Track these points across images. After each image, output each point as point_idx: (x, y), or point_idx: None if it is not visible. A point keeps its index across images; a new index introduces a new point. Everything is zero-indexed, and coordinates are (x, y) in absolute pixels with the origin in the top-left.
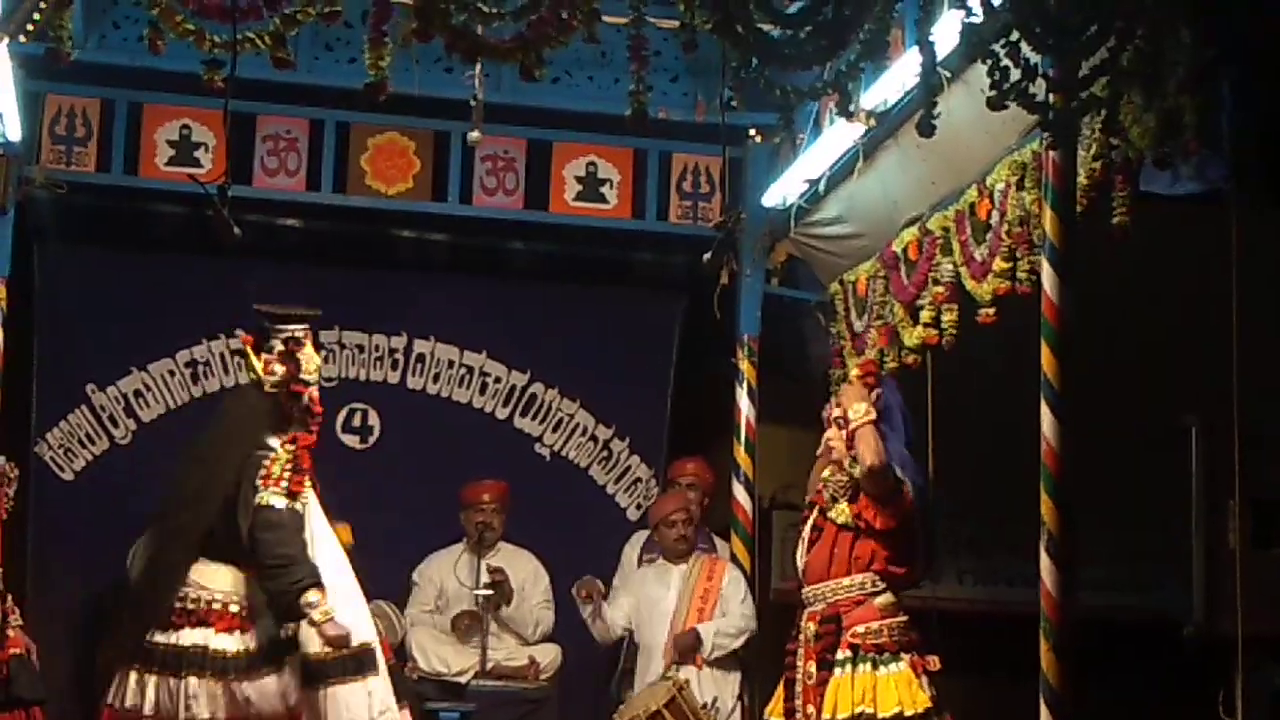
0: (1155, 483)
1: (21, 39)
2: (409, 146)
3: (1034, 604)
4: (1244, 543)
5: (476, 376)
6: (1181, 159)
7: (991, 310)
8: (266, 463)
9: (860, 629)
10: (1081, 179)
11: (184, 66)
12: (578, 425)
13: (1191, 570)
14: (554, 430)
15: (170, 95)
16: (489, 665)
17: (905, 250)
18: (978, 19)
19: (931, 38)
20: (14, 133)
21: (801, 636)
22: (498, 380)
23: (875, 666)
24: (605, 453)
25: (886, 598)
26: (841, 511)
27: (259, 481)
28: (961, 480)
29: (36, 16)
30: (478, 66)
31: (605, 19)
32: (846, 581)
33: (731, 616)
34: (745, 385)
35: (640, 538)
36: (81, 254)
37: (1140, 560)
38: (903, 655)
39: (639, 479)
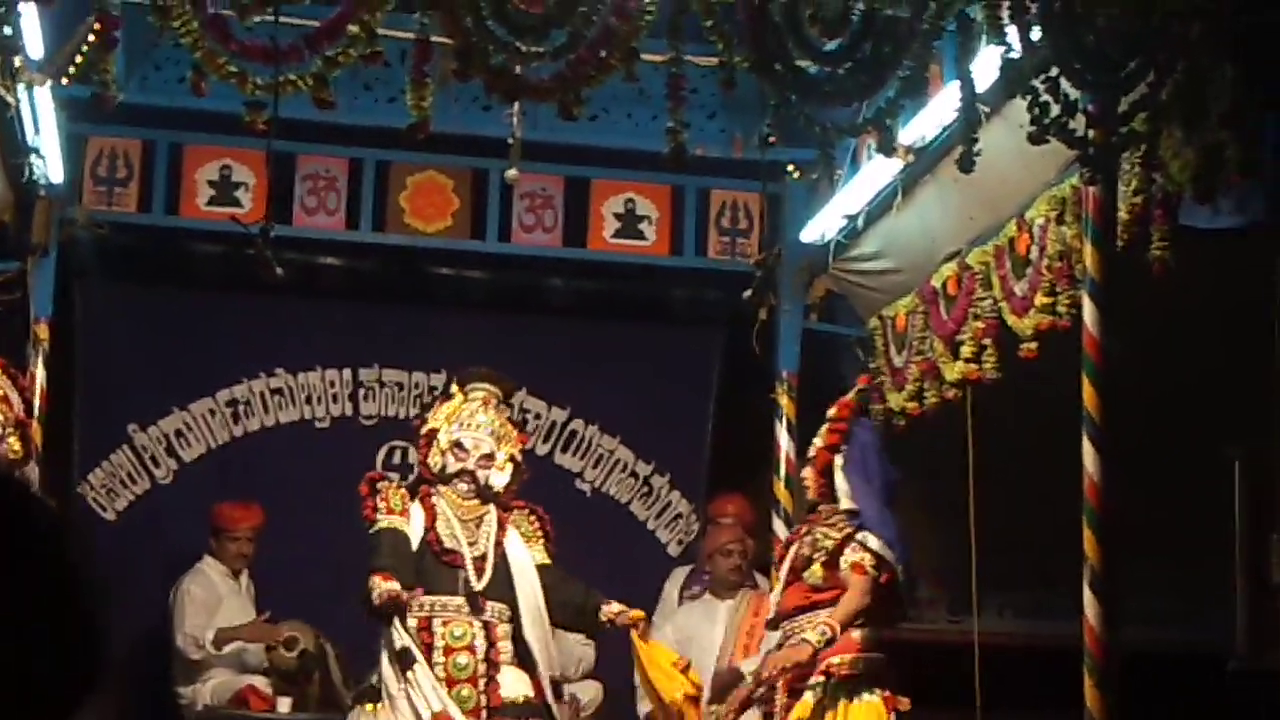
0: (1198, 516)
1: (64, 82)
2: (448, 185)
3: (1075, 637)
4: None
5: (516, 413)
6: (1222, 193)
7: (1033, 345)
8: None
9: (835, 660)
10: (1122, 214)
11: (224, 107)
12: (618, 461)
13: (1235, 604)
14: (594, 466)
15: (211, 135)
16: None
17: (944, 285)
18: (1017, 55)
19: (971, 73)
20: (56, 175)
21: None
22: (538, 416)
23: (849, 696)
24: (645, 488)
25: (865, 632)
26: (814, 574)
27: None
28: (1001, 514)
29: (79, 59)
30: (516, 105)
31: (643, 57)
32: (824, 614)
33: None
34: (784, 421)
35: (680, 574)
36: (123, 294)
37: (1183, 593)
38: (875, 689)
39: (680, 514)
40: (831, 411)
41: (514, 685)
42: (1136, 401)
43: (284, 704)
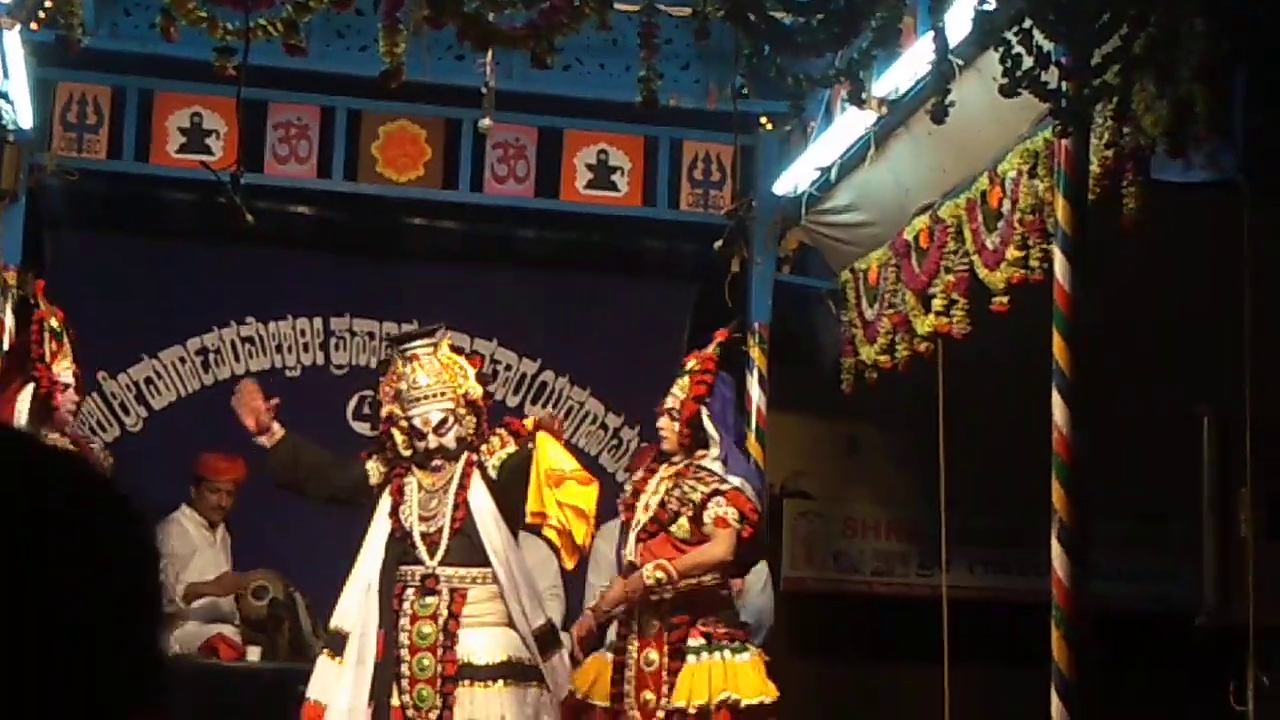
0: (1167, 472)
1: (33, 26)
2: (420, 134)
3: (1045, 593)
4: (1256, 533)
5: (487, 364)
6: (1193, 147)
7: (1004, 299)
8: None
9: (713, 618)
10: (1094, 167)
11: (195, 54)
12: (588, 413)
13: (1203, 560)
14: (564, 418)
15: (181, 82)
16: None
17: (917, 238)
18: (990, 6)
19: (944, 25)
20: (25, 120)
21: (635, 624)
22: (508, 368)
23: (734, 655)
24: (615, 440)
25: (729, 590)
26: (682, 527)
27: None
28: (972, 469)
29: (48, 3)
30: (489, 54)
31: (617, 6)
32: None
33: (749, 609)
34: (756, 373)
35: (613, 530)
36: (92, 241)
37: (1152, 549)
38: (748, 646)
39: None
40: (692, 364)
41: (482, 649)
42: (1107, 357)
43: (253, 653)
